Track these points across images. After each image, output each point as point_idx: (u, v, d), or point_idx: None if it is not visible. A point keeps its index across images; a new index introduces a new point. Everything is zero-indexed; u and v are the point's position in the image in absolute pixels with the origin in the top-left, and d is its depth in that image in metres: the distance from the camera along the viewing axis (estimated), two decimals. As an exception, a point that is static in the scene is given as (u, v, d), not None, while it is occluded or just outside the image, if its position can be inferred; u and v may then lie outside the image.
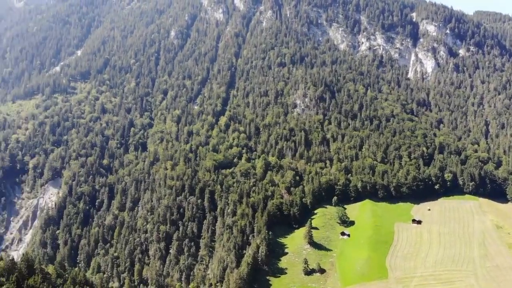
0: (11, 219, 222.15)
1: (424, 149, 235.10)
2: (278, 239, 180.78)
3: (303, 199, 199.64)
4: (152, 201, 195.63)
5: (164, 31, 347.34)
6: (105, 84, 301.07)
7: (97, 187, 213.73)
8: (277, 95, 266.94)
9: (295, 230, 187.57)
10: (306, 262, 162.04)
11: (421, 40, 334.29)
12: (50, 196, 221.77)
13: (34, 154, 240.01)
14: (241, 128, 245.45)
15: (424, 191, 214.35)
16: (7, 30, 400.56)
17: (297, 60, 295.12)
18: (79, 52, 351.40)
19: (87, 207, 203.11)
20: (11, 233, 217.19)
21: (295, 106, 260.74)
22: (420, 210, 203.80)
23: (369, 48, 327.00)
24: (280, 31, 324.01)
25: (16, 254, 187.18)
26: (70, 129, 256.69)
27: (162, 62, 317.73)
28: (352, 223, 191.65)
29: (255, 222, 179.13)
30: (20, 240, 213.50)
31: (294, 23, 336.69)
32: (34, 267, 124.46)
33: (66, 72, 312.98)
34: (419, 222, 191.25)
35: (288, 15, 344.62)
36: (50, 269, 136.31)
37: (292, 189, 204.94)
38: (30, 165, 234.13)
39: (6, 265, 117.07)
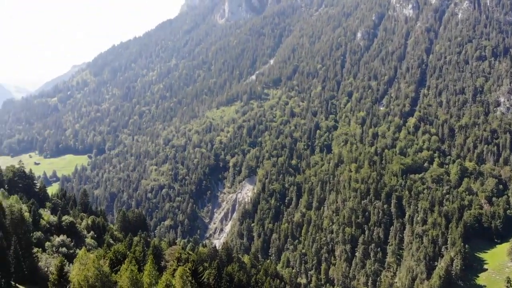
0: (215, 210, 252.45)
1: None
2: (476, 254, 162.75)
3: (508, 211, 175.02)
4: (337, 202, 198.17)
5: (350, 33, 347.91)
6: (294, 89, 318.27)
7: (286, 185, 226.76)
8: (476, 92, 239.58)
9: (497, 245, 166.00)
10: (509, 281, 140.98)
11: None
12: (247, 192, 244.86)
13: (234, 154, 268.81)
14: (433, 130, 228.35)
15: None
16: (212, 45, 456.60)
17: (500, 53, 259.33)
18: (271, 61, 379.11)
19: (278, 204, 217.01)
20: (214, 223, 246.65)
21: (498, 104, 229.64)
22: None
23: None
24: (478, 22, 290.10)
25: (218, 242, 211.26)
26: (263, 132, 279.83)
27: (348, 65, 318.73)
28: None
29: (449, 233, 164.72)
30: (221, 230, 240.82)
31: (495, 12, 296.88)
32: (232, 255, 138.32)
33: (261, 80, 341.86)
34: None
35: (488, 3, 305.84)
36: (246, 259, 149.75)
37: (494, 199, 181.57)
38: (231, 164, 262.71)
39: (210, 252, 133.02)
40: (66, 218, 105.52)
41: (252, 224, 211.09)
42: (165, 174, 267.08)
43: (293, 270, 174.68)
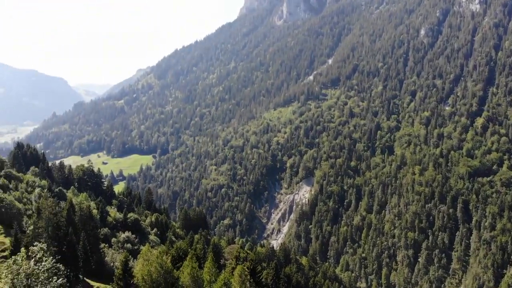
0: (272, 211, 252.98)
1: None
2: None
3: None
4: (399, 206, 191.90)
5: (413, 30, 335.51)
6: (353, 89, 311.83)
7: (345, 187, 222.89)
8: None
9: None
10: None
11: None
12: (304, 193, 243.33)
13: (291, 155, 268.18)
14: (502, 131, 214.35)
15: None
16: (270, 46, 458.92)
17: None
18: (330, 61, 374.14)
19: (336, 206, 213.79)
20: (272, 224, 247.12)
21: None
22: None
23: None
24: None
25: (275, 243, 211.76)
26: (321, 133, 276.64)
27: (411, 63, 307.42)
28: None
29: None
30: (279, 230, 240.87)
31: None
32: (290, 257, 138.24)
33: (318, 80, 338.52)
34: None
35: None
36: (304, 260, 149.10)
37: None
38: (288, 164, 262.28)
39: (267, 252, 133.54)
40: (131, 215, 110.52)
41: (310, 226, 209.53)
42: (224, 174, 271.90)
43: (353, 274, 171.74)
